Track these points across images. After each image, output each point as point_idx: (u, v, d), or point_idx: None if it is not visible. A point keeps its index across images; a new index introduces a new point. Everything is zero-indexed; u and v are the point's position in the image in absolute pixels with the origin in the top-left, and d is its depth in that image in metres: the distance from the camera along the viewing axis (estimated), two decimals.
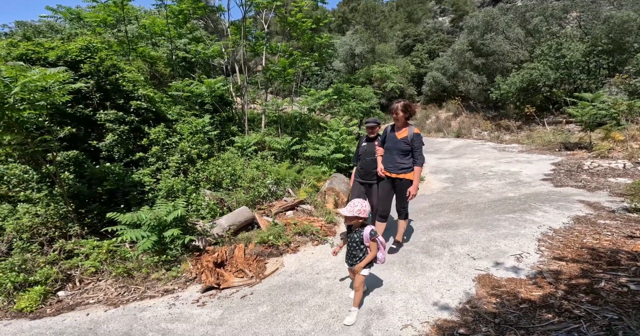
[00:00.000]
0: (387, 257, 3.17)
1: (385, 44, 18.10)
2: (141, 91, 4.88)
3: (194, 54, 8.77)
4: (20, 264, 2.89)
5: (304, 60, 8.73)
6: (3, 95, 2.65)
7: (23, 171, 3.34)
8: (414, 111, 3.08)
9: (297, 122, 8.60)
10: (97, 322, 2.40)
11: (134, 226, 3.21)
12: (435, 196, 5.59)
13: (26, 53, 4.02)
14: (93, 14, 7.19)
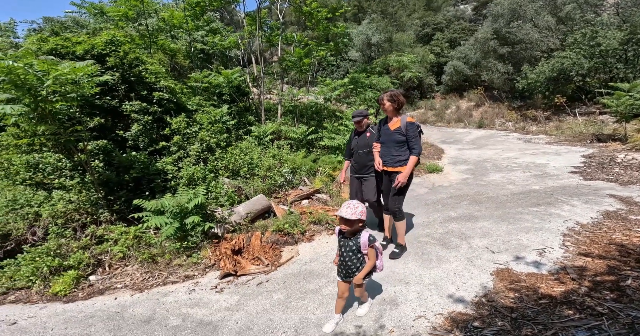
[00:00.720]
0: None
1: (403, 33, 17.39)
2: (163, 83, 5.02)
3: (212, 45, 8.86)
4: (56, 249, 3.01)
5: (320, 50, 8.63)
6: (36, 88, 2.81)
7: (57, 159, 3.57)
8: (402, 101, 2.88)
9: (312, 112, 8.58)
10: (124, 306, 2.52)
11: (158, 212, 3.32)
12: (454, 187, 5.45)
13: (55, 47, 4.21)
14: (115, 9, 7.41)
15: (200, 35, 8.99)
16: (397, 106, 2.85)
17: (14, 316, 2.43)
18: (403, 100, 2.88)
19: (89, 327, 2.23)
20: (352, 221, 1.93)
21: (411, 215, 4.18)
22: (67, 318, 2.38)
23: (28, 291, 2.79)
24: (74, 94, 3.07)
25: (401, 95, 2.88)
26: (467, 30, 19.69)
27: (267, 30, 8.73)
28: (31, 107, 2.79)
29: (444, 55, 18.28)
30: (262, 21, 8.04)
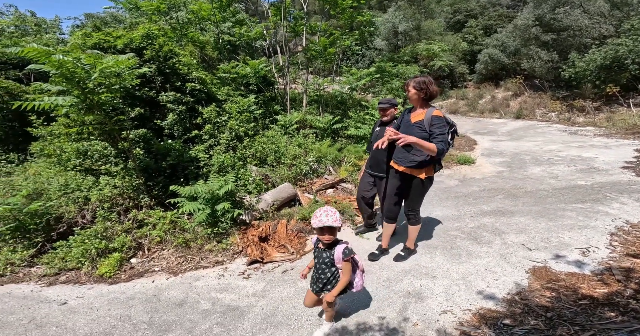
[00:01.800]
0: (430, 242, 3.11)
1: (432, 20, 16.46)
2: (195, 74, 5.22)
3: (238, 36, 9.00)
4: (102, 232, 3.16)
5: (345, 39, 8.48)
6: (84, 80, 3.04)
7: (103, 147, 3.87)
8: (433, 91, 2.39)
9: (337, 102, 8.52)
10: (160, 289, 2.65)
11: (192, 198, 3.47)
12: (488, 180, 5.22)
13: (98, 42, 4.49)
14: (148, 3, 7.74)
15: (227, 27, 9.15)
16: (425, 96, 2.40)
17: (64, 296, 2.63)
18: (434, 90, 2.39)
19: (130, 308, 2.38)
20: (335, 229, 1.74)
21: (439, 207, 4.08)
22: (110, 299, 2.55)
23: (77, 272, 2.98)
24: (117, 85, 3.29)
25: (433, 83, 2.39)
26: (504, 16, 18.54)
27: (291, 20, 8.69)
28: (80, 98, 3.04)
29: (477, 43, 17.31)
30: (286, 11, 8.00)
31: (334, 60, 9.11)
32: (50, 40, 7.82)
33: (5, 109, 6.01)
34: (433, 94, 2.41)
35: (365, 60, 17.97)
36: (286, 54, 8.17)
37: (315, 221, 1.71)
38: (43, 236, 3.26)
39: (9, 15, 9.99)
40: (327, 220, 1.67)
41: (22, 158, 5.83)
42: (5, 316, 2.33)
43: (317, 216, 1.71)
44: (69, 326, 2.19)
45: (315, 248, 1.89)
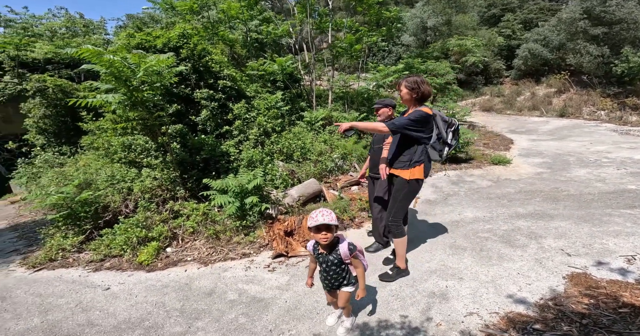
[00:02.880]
0: (459, 243, 3.08)
1: (464, 14, 15.72)
2: (226, 72, 5.47)
3: (266, 34, 9.23)
4: (143, 221, 3.36)
5: (371, 35, 8.39)
6: (130, 79, 3.32)
7: (144, 141, 4.21)
8: (425, 91, 2.28)
9: (363, 99, 8.49)
10: (191, 278, 2.78)
11: (222, 192, 3.65)
12: (525, 181, 5.00)
13: (141, 42, 4.85)
14: (182, 3, 8.20)
15: (255, 25, 9.42)
16: (417, 96, 2.29)
17: (108, 282, 2.84)
18: (427, 90, 2.29)
19: (164, 296, 2.52)
20: (332, 228, 1.72)
21: (470, 208, 3.99)
22: (148, 286, 2.71)
23: (120, 259, 3.23)
24: (158, 83, 3.55)
25: (426, 83, 2.30)
26: (546, 10, 17.46)
27: (316, 18, 8.77)
28: (126, 96, 3.33)
29: (516, 37, 16.42)
30: (312, 8, 8.09)
31: (359, 56, 9.08)
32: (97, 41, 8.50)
33: (59, 106, 6.69)
34: (425, 94, 2.31)
35: (392, 56, 17.64)
36: (312, 51, 8.27)
37: (311, 221, 1.69)
38: (91, 224, 3.61)
39: (60, 17, 10.83)
40: (324, 219, 1.66)
41: (73, 151, 6.48)
42: (55, 299, 2.62)
43: (313, 217, 1.69)
44: (110, 311, 2.39)
45: (316, 254, 1.86)
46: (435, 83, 8.84)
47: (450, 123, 2.38)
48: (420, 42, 16.33)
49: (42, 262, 3.32)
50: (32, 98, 6.80)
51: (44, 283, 2.93)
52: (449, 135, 2.37)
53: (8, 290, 2.83)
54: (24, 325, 2.29)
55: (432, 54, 11.69)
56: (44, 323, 2.29)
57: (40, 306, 2.53)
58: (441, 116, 2.36)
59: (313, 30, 8.53)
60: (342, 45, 8.16)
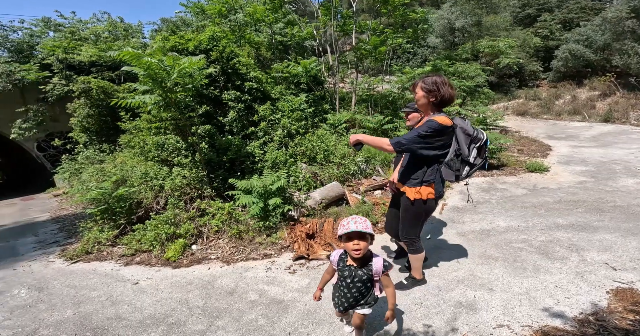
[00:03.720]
0: (490, 252, 2.89)
1: (496, 15, 15.00)
2: (252, 74, 5.51)
3: (290, 37, 9.27)
4: (172, 218, 3.41)
5: (396, 37, 8.18)
6: (165, 80, 3.40)
7: (176, 141, 4.32)
8: (446, 95, 1.87)
9: (387, 101, 8.28)
10: (214, 276, 2.77)
11: (247, 192, 3.64)
12: (565, 190, 4.61)
13: (175, 45, 4.99)
14: (211, 6, 8.43)
15: (279, 27, 9.52)
16: (436, 100, 1.88)
17: (137, 276, 2.88)
18: (448, 93, 1.87)
19: (188, 293, 2.52)
20: (366, 237, 1.51)
21: (502, 217, 3.72)
22: (173, 282, 2.73)
23: (149, 254, 3.28)
24: (190, 85, 3.61)
25: (447, 84, 1.89)
26: (588, 9, 16.32)
27: (339, 20, 8.69)
28: (162, 96, 3.41)
29: (554, 38, 15.48)
30: (335, 10, 8.03)
31: (384, 59, 8.88)
32: (135, 44, 8.92)
33: (101, 106, 7.08)
34: (446, 98, 1.88)
35: (417, 58, 17.20)
36: (335, 53, 8.19)
37: (341, 229, 1.50)
38: (125, 219, 3.72)
39: (104, 22, 11.39)
40: (356, 226, 1.46)
41: (112, 148, 6.82)
42: (88, 292, 2.69)
43: (345, 224, 1.50)
44: (137, 305, 2.42)
45: (340, 266, 1.64)
46: (464, 86, 8.45)
47: (475, 137, 1.90)
48: (447, 44, 15.81)
49: (79, 254, 3.45)
50: (77, 98, 7.25)
51: (79, 275, 3.03)
52: (472, 152, 1.90)
53: (46, 281, 2.95)
54: (57, 316, 2.35)
55: (461, 55, 11.23)
56: (76, 315, 2.35)
57: (73, 298, 2.60)
58: (464, 128, 1.89)
59: (336, 33, 8.47)
60: (367, 48, 8.01)
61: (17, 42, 9.23)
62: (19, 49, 9.14)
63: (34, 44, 9.37)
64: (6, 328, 2.20)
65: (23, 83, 8.21)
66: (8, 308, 2.49)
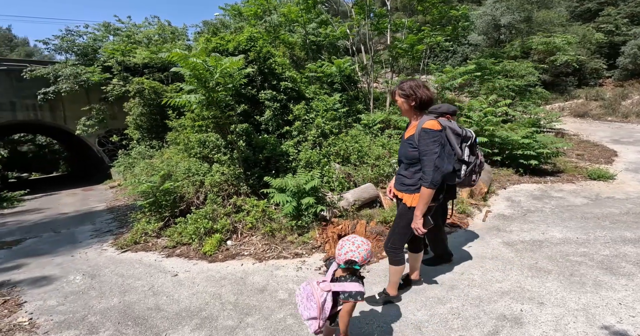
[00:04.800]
0: (542, 264, 2.60)
1: (548, 10, 13.53)
2: (288, 73, 5.48)
3: (324, 37, 9.15)
4: (210, 213, 3.45)
5: (434, 35, 7.67)
6: (208, 80, 3.46)
7: (216, 138, 4.41)
8: (423, 96, 1.88)
9: None
10: (246, 273, 2.77)
11: (281, 190, 3.60)
12: (634, 201, 4.00)
13: (216, 46, 5.10)
14: (247, 9, 8.58)
15: (312, 27, 9.45)
16: (416, 104, 1.90)
17: (176, 268, 2.94)
18: (425, 95, 1.88)
19: (221, 288, 2.53)
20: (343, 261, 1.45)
21: (558, 228, 3.29)
22: (208, 276, 2.75)
23: (188, 247, 3.35)
24: (230, 84, 3.64)
25: (422, 87, 1.91)
26: None
27: (373, 19, 8.38)
28: (205, 96, 3.48)
29: (620, 33, 13.68)
30: (369, 9, 7.74)
31: (420, 58, 8.42)
32: (181, 47, 9.37)
33: (152, 105, 7.55)
34: (424, 100, 1.89)
35: (456, 57, 16.17)
36: (370, 53, 7.91)
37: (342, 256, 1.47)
38: (169, 212, 3.86)
39: (154, 25, 11.95)
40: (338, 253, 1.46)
41: (160, 145, 7.24)
42: (133, 281, 2.79)
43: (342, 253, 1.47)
44: (175, 297, 2.45)
45: None
46: (512, 85, 7.73)
47: (465, 136, 1.94)
48: (491, 41, 14.69)
49: (128, 244, 3.63)
50: (132, 98, 7.82)
51: (127, 265, 3.16)
52: (464, 151, 1.93)
53: (99, 268, 3.12)
54: (105, 303, 2.45)
55: (509, 53, 10.33)
56: (121, 304, 2.42)
57: (120, 287, 2.70)
58: (453, 129, 1.92)
59: (370, 32, 8.20)
60: (402, 46, 7.62)
61: (82, 46, 10.05)
62: (84, 52, 9.96)
63: (97, 47, 10.14)
64: (59, 314, 2.32)
65: (88, 84, 9.01)
66: (63, 293, 2.64)
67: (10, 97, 9.04)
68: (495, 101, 6.58)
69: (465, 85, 8.77)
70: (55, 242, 4.07)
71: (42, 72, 8.95)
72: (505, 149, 5.52)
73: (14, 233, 4.67)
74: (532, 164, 5.14)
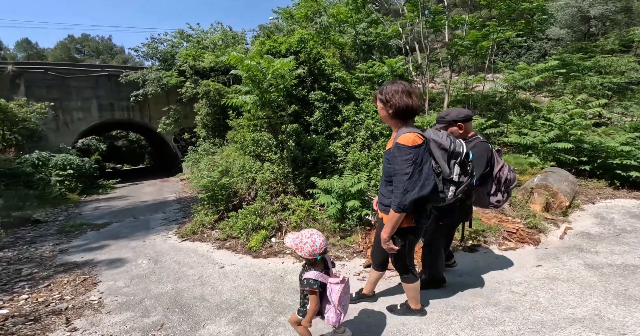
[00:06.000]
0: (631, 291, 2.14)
1: None
2: (337, 74, 5.33)
3: (374, 36, 8.77)
4: (259, 209, 3.53)
5: (504, 30, 6.68)
6: (261, 81, 3.50)
7: (268, 138, 4.49)
8: (402, 104, 1.56)
9: (491, 102, 6.91)
10: (285, 271, 2.75)
11: (326, 191, 3.51)
12: None
13: (270, 48, 5.20)
14: (298, 11, 8.65)
15: (362, 27, 9.14)
16: (394, 111, 1.59)
17: (224, 261, 3.00)
18: (402, 103, 1.56)
19: (260, 284, 2.53)
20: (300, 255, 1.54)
21: None
22: (250, 271, 2.77)
23: (237, 241, 3.43)
24: (282, 85, 3.65)
25: (405, 93, 1.57)
26: None
27: (428, 16, 7.71)
28: (259, 96, 3.54)
29: None
30: (424, 6, 7.09)
31: (485, 55, 7.49)
32: (240, 50, 9.93)
33: (216, 106, 8.16)
34: (400, 108, 1.57)
35: (532, 53, 14.05)
36: (426, 51, 7.29)
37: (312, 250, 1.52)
38: (224, 206, 4.03)
39: (218, 31, 12.79)
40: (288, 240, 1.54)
41: (221, 142, 7.77)
42: (187, 269, 2.92)
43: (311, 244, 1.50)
44: (219, 289, 2.50)
45: None
46: (609, 83, 6.37)
47: (453, 152, 1.59)
48: (578, 35, 12.49)
49: (187, 234, 3.87)
50: (201, 99, 8.55)
51: (184, 253, 3.35)
52: (454, 169, 1.59)
53: (162, 254, 3.36)
54: (161, 289, 2.58)
55: (604, 47, 8.64)
56: (173, 291, 2.53)
57: (176, 274, 2.85)
58: (438, 143, 1.59)
59: (425, 29, 7.57)
60: (463, 43, 6.84)
61: (163, 53, 11.31)
62: (164, 58, 11.18)
63: (174, 53, 11.26)
64: (123, 295, 2.51)
65: (167, 87, 10.15)
66: (130, 276, 2.87)
67: (110, 99, 10.71)
68: (584, 101, 5.48)
69: (545, 83, 7.49)
70: (133, 227, 4.56)
71: (133, 77, 10.35)
72: (596, 158, 4.55)
73: (104, 216, 5.40)
74: (633, 176, 4.15)
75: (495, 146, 2.29)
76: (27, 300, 2.45)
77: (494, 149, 2.03)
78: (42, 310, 2.28)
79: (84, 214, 5.62)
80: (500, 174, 1.96)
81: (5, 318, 2.18)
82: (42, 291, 2.61)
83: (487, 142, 1.99)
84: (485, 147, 1.95)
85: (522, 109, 6.48)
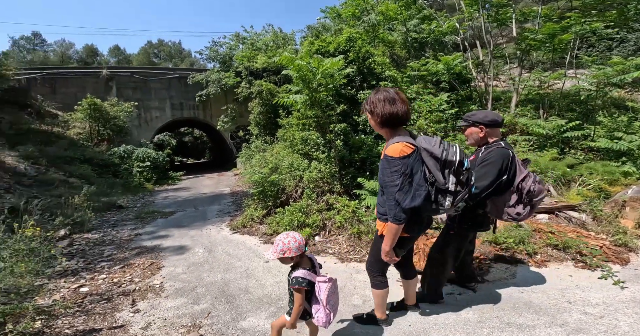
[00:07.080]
0: None
1: None
2: (387, 73, 5.05)
3: (428, 33, 8.10)
4: (305, 207, 3.52)
5: (589, 22, 5.54)
6: (311, 81, 3.44)
7: (316, 137, 4.43)
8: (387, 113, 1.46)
9: (572, 101, 5.83)
10: (327, 271, 2.59)
11: (373, 193, 3.33)
12: None
13: (318, 48, 5.14)
14: (346, 10, 8.39)
15: (413, 24, 8.51)
16: (380, 120, 1.51)
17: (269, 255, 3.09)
18: (385, 111, 1.48)
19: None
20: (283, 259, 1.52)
21: None
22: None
23: None
24: (331, 85, 3.54)
25: (388, 102, 1.47)
26: None
27: (489, 9, 6.80)
28: (308, 96, 3.49)
29: None
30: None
31: (565, 49, 6.32)
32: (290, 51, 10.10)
33: (267, 105, 8.46)
34: (386, 116, 1.48)
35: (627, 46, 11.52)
36: (490, 47, 6.44)
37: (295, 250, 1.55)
38: (272, 202, 4.08)
39: (269, 33, 13.10)
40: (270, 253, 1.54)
41: (272, 140, 8.04)
42: (235, 261, 2.98)
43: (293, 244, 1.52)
44: (262, 282, 2.50)
45: None
46: None
47: (445, 161, 1.44)
48: None
49: (238, 226, 4.00)
50: (254, 99, 8.97)
51: (234, 245, 3.46)
52: (449, 179, 1.44)
53: (215, 245, 3.51)
54: (211, 278, 2.67)
55: None
56: (221, 281, 2.60)
57: (225, 265, 2.93)
58: (429, 151, 1.46)
59: (487, 24, 6.68)
60: (537, 37, 5.86)
61: (222, 55, 12.11)
62: (223, 60, 11.97)
63: (232, 55, 11.95)
64: (179, 281, 2.63)
65: (226, 87, 10.89)
66: (187, 263, 3.02)
67: (180, 99, 11.93)
68: None
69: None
70: (193, 217, 4.90)
71: (198, 78, 11.34)
72: None
73: (171, 205, 5.93)
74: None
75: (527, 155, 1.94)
76: (105, 279, 2.68)
77: (517, 157, 1.83)
78: (115, 291, 2.46)
79: (156, 203, 6.26)
80: (522, 184, 1.76)
81: (85, 296, 2.38)
82: (118, 272, 2.84)
83: (508, 149, 1.79)
84: (503, 153, 1.75)
85: (614, 110, 5.31)
